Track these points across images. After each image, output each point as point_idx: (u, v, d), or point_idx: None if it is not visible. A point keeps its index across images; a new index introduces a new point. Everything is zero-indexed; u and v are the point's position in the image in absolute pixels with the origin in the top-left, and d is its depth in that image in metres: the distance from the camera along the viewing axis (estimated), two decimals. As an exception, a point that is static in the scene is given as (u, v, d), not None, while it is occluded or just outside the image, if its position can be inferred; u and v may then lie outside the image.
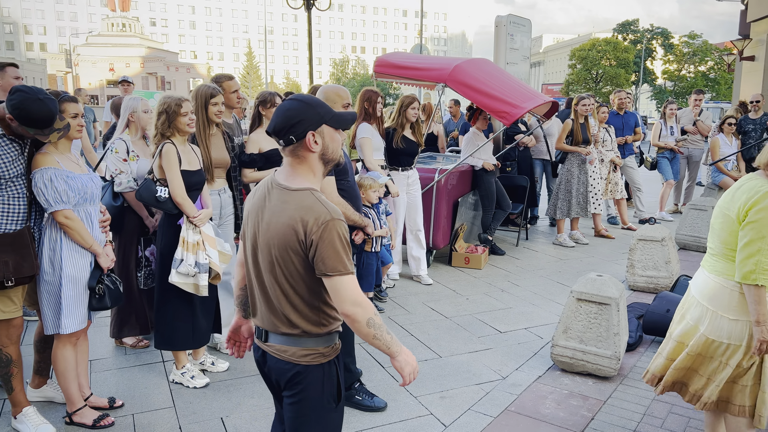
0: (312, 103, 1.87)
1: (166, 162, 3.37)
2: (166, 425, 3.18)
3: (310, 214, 1.78)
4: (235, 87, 4.35)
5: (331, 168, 1.95)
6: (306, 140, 1.84)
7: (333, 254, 1.76)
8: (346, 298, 1.77)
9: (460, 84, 5.87)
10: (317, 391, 1.91)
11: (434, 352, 4.16)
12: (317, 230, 1.76)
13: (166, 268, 3.46)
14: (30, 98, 2.65)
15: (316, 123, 1.85)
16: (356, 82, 59.23)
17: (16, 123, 2.69)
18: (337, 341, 1.97)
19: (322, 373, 1.92)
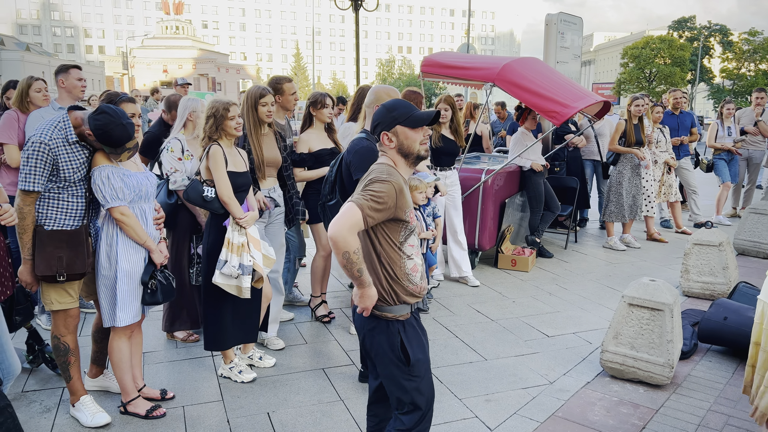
0: (390, 108, 2.24)
1: (213, 163, 3.44)
2: (214, 418, 3.25)
3: (374, 174, 2.15)
4: (294, 90, 4.42)
5: (413, 161, 2.27)
6: (381, 139, 2.24)
7: (361, 191, 2.09)
8: (341, 222, 2.01)
9: (509, 83, 5.78)
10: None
11: (479, 355, 4.12)
12: (368, 181, 2.11)
13: (211, 268, 3.52)
14: (114, 122, 2.82)
15: (389, 125, 2.21)
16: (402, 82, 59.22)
17: (93, 138, 2.84)
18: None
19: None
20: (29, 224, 2.84)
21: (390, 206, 2.08)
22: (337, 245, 1.99)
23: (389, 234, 2.15)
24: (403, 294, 2.19)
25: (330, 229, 2.00)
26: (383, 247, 2.16)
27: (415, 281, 2.23)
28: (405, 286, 2.19)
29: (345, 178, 3.59)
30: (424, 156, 2.28)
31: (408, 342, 2.20)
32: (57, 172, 2.84)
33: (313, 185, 4.51)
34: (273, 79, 4.46)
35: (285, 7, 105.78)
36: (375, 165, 2.23)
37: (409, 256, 2.20)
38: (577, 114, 6.67)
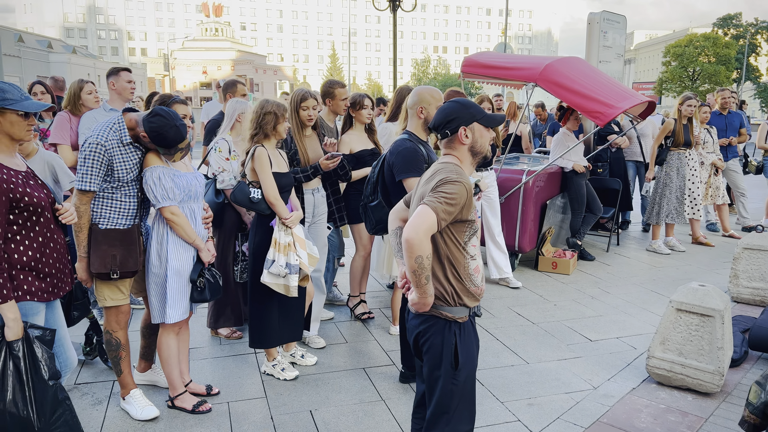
0: (466, 105, 2.25)
1: (259, 165, 3.50)
2: (258, 414, 3.30)
3: (444, 174, 2.11)
4: (346, 95, 4.47)
5: (479, 161, 2.27)
6: (458, 134, 2.21)
7: (437, 194, 2.03)
8: (417, 224, 1.99)
9: (552, 83, 5.71)
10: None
11: (521, 358, 4.08)
12: (440, 182, 2.08)
13: (257, 268, 3.58)
14: (169, 124, 2.91)
15: (468, 120, 2.22)
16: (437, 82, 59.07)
17: (148, 140, 2.93)
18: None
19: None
20: (85, 223, 2.93)
21: (461, 207, 2.07)
22: (412, 249, 1.98)
23: (455, 234, 2.13)
24: (464, 295, 2.17)
25: (406, 232, 1.98)
26: (448, 247, 2.14)
27: (477, 282, 2.21)
28: (467, 287, 2.18)
29: (387, 179, 3.60)
30: (489, 157, 2.30)
31: (461, 346, 2.19)
32: (111, 172, 2.93)
33: (354, 185, 4.53)
34: (326, 83, 4.53)
35: (321, 8, 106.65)
36: (441, 165, 2.21)
37: (473, 257, 2.18)
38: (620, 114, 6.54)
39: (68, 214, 2.63)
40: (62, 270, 2.63)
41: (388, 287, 5.59)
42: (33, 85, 5.70)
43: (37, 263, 2.48)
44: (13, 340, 2.35)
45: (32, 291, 2.47)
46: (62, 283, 2.63)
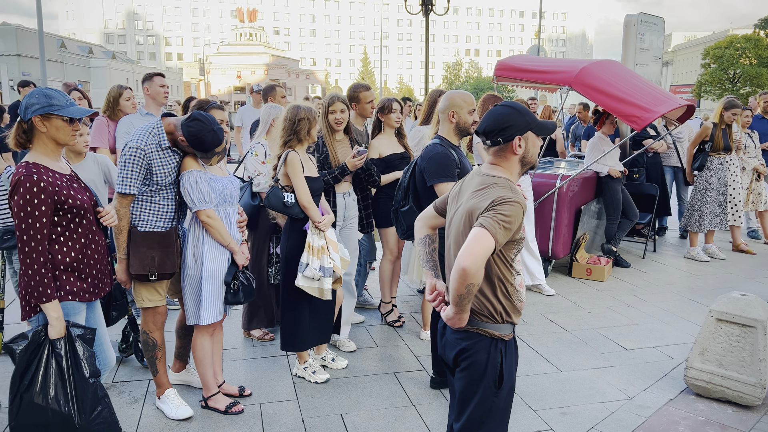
0: (522, 111, 2.10)
1: (291, 169, 3.53)
2: (290, 417, 3.33)
3: (499, 192, 1.99)
4: (371, 98, 4.49)
5: (527, 170, 2.16)
6: (512, 143, 2.07)
7: (494, 216, 1.91)
8: (473, 250, 1.86)
9: (587, 87, 5.62)
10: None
11: (554, 366, 4.02)
12: (496, 201, 1.95)
13: (290, 271, 3.61)
14: (206, 129, 2.97)
15: (524, 129, 2.07)
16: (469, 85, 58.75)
17: (186, 143, 2.99)
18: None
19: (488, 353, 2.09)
20: (125, 225, 3.01)
21: (516, 227, 1.96)
22: (468, 277, 1.86)
23: (504, 252, 2.04)
24: (512, 312, 2.10)
25: (464, 260, 1.86)
26: (498, 266, 2.04)
27: (522, 297, 2.14)
28: (514, 303, 2.10)
29: (418, 184, 3.59)
30: (536, 167, 2.18)
31: (506, 364, 2.11)
32: (150, 176, 3.00)
33: (384, 190, 4.54)
34: (351, 87, 4.56)
35: (354, 13, 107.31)
36: (492, 178, 2.08)
37: (518, 272, 2.11)
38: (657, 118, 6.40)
39: (109, 217, 2.70)
40: (103, 271, 2.70)
41: (419, 292, 5.57)
42: (70, 92, 5.88)
43: (79, 264, 2.55)
44: (56, 338, 2.42)
45: (74, 291, 2.54)
46: (102, 283, 2.70)
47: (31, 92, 2.50)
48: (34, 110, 2.42)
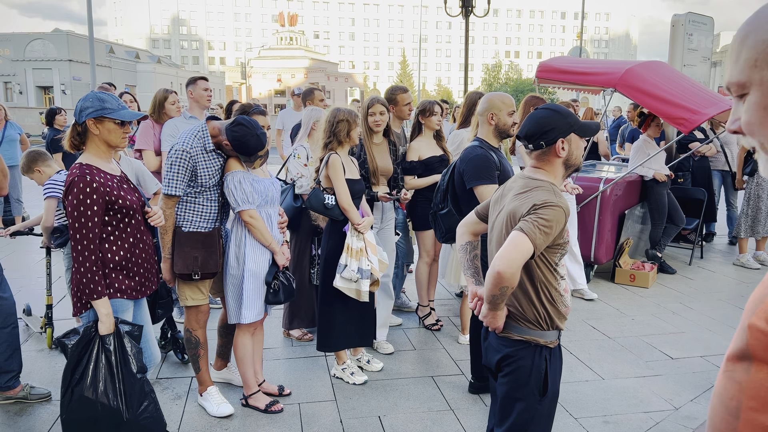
0: (563, 113, 2.08)
1: (333, 171, 3.57)
2: (328, 417, 3.35)
3: (541, 196, 1.98)
4: (408, 100, 4.50)
5: (571, 172, 2.14)
6: (555, 146, 2.06)
7: (534, 220, 1.90)
8: (511, 254, 1.86)
9: (632, 88, 5.50)
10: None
11: (596, 374, 3.94)
12: (538, 204, 1.95)
13: (329, 272, 3.65)
14: (250, 133, 3.03)
15: (566, 131, 2.06)
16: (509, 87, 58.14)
17: (230, 147, 3.06)
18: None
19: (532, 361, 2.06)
20: (170, 226, 3.09)
21: (557, 231, 1.94)
22: (502, 280, 1.87)
23: (547, 256, 2.02)
24: (556, 317, 2.07)
25: (499, 263, 1.86)
26: (541, 270, 2.02)
27: (567, 302, 2.11)
28: (559, 309, 2.07)
29: (457, 186, 3.57)
30: (580, 169, 2.17)
31: (551, 372, 2.08)
32: (195, 177, 3.07)
33: (423, 193, 4.53)
34: (388, 90, 4.58)
35: (393, 16, 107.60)
36: (535, 181, 2.07)
37: (562, 276, 2.08)
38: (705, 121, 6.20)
39: (156, 217, 2.78)
40: (150, 270, 2.78)
41: (457, 295, 5.54)
42: (121, 95, 6.09)
43: (128, 263, 2.63)
44: (105, 334, 2.50)
45: (122, 289, 2.62)
46: (149, 282, 2.78)
47: (86, 96, 2.59)
48: (88, 113, 2.51)
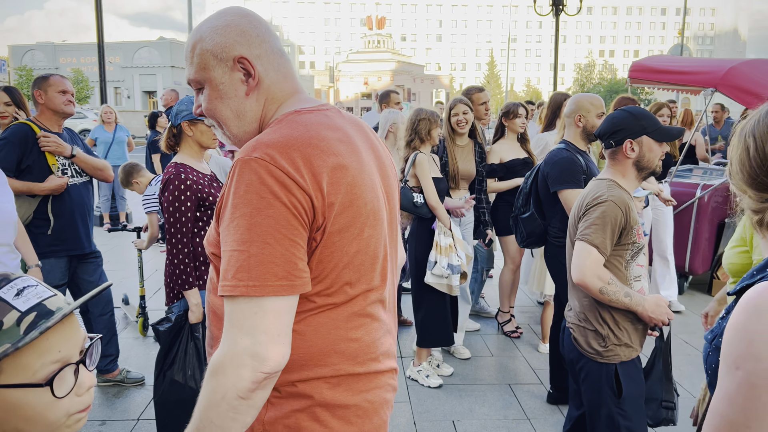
0: (637, 115, 2.10)
1: (420, 170, 3.62)
2: (402, 418, 3.37)
3: (593, 193, 2.03)
4: (484, 99, 4.45)
5: (646, 175, 2.14)
6: (623, 147, 2.08)
7: (591, 224, 1.96)
8: (581, 263, 1.92)
9: (736, 88, 5.13)
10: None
11: (687, 391, 3.71)
12: (590, 203, 2.00)
13: (420, 271, 3.71)
14: None
15: (637, 133, 2.07)
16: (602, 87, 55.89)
17: None
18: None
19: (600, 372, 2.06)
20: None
21: (619, 226, 1.96)
22: (588, 288, 1.95)
23: (614, 253, 2.01)
24: (623, 324, 2.03)
25: (575, 275, 1.95)
26: (608, 268, 2.01)
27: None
28: (626, 316, 2.02)
29: (541, 190, 3.48)
30: (658, 173, 2.16)
31: (623, 372, 2.03)
32: None
33: (504, 196, 4.46)
34: (464, 90, 4.55)
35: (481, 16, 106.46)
36: (593, 182, 2.13)
37: (637, 278, 2.02)
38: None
39: None
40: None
41: (539, 303, 5.40)
42: None
43: (215, 257, 2.78)
44: (195, 323, 2.65)
45: (210, 281, 2.77)
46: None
47: (181, 100, 2.77)
48: (183, 116, 2.68)
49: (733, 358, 0.97)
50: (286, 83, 1.29)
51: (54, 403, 0.84)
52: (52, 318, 0.84)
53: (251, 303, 1.06)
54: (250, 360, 1.06)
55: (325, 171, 1.14)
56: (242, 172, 1.11)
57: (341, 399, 1.23)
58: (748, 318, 0.96)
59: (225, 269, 1.10)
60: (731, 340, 0.99)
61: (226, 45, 1.22)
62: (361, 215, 1.19)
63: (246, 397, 1.08)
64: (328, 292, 1.19)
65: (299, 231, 1.11)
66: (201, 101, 1.29)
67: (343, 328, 1.23)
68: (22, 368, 0.82)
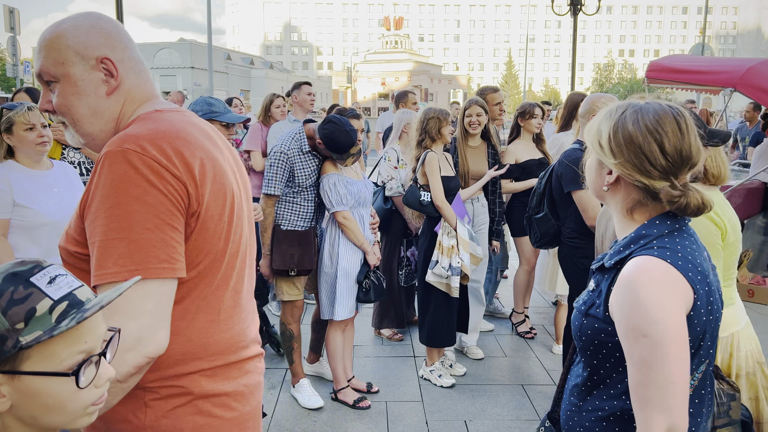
0: None
1: (429, 169, 3.62)
2: (414, 418, 3.38)
3: None
4: (498, 99, 4.43)
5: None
6: None
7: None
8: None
9: (756, 88, 5.05)
10: None
11: (702, 394, 3.67)
12: None
13: (426, 270, 3.71)
14: (339, 130, 3.14)
15: None
16: (621, 87, 55.28)
17: (323, 146, 3.18)
18: None
19: None
20: (269, 224, 3.26)
21: None
22: None
23: None
24: None
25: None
26: None
27: None
28: None
29: (554, 190, 3.46)
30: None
31: None
32: (293, 178, 3.23)
33: (519, 197, 4.44)
34: (478, 90, 4.54)
35: (500, 16, 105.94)
36: None
37: None
38: None
39: (256, 213, 2.96)
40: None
41: (553, 304, 5.37)
42: (231, 100, 6.55)
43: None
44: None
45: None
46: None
47: (196, 101, 2.81)
48: (198, 116, 2.72)
49: (635, 329, 1.16)
50: (145, 87, 1.34)
51: (75, 393, 0.85)
52: (87, 309, 0.84)
53: (135, 287, 1.07)
54: (134, 343, 1.10)
55: (196, 162, 1.20)
56: (113, 163, 1.14)
57: (220, 388, 1.29)
58: (633, 291, 1.16)
59: (102, 258, 1.12)
60: (628, 315, 1.17)
61: (90, 44, 1.25)
62: (227, 205, 1.26)
63: (123, 380, 1.11)
64: (202, 279, 1.24)
65: (177, 217, 1.16)
66: (52, 97, 1.28)
67: (216, 321, 1.28)
68: (49, 356, 0.83)
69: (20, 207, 2.52)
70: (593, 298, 1.31)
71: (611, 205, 1.34)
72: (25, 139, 2.58)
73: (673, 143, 1.21)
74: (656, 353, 1.13)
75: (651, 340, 1.14)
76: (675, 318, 1.15)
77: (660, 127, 1.22)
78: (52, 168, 2.73)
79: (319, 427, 3.28)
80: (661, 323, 1.13)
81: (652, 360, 1.14)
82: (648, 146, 1.21)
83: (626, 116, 1.25)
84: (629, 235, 1.27)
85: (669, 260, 1.19)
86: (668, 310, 1.14)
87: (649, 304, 1.14)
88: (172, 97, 7.62)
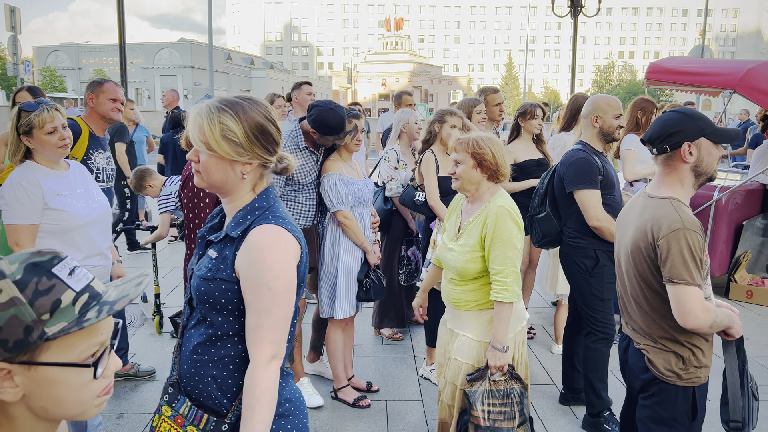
0: (693, 116, 1.94)
1: (425, 168, 3.65)
2: (414, 417, 3.39)
3: (664, 220, 1.87)
4: (499, 100, 4.45)
5: (703, 181, 1.99)
6: (681, 150, 1.92)
7: (679, 262, 1.81)
8: (688, 309, 1.83)
9: (754, 90, 5.06)
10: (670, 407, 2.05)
11: (701, 394, 3.67)
12: (666, 236, 1.84)
13: None
14: (324, 109, 3.12)
15: (695, 135, 1.91)
16: (621, 89, 55.34)
17: (317, 134, 3.18)
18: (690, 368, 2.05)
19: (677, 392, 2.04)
20: (270, 222, 3.27)
21: (701, 251, 1.86)
22: (702, 328, 1.89)
23: None
24: (701, 346, 2.06)
25: (686, 324, 1.87)
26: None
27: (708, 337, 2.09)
28: (706, 337, 2.03)
29: (556, 190, 3.48)
30: (714, 178, 2.02)
31: (700, 395, 2.03)
32: (291, 175, 3.24)
33: (518, 198, 4.43)
34: (478, 90, 4.55)
35: (500, 18, 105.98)
36: (655, 201, 1.96)
37: (707, 298, 1.98)
38: None
39: None
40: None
41: (552, 304, 5.38)
42: None
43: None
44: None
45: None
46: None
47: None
48: None
49: (262, 284, 1.41)
50: None
51: (89, 383, 0.87)
52: (114, 302, 0.86)
53: None
54: None
55: None
56: None
57: None
58: (261, 253, 1.41)
59: None
60: (256, 273, 1.41)
61: None
62: None
63: None
64: None
65: None
66: None
67: None
68: (68, 347, 0.83)
69: (53, 210, 2.39)
70: (217, 264, 1.48)
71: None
72: (47, 143, 2.45)
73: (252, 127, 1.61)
74: (280, 301, 1.42)
75: (273, 290, 1.40)
76: (290, 273, 1.44)
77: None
78: (69, 168, 2.65)
79: (319, 426, 3.29)
80: (281, 278, 1.41)
81: (271, 306, 1.41)
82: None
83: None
84: (244, 208, 1.50)
85: (283, 225, 1.46)
86: (285, 266, 1.43)
87: (273, 262, 1.41)
88: (166, 96, 7.62)
